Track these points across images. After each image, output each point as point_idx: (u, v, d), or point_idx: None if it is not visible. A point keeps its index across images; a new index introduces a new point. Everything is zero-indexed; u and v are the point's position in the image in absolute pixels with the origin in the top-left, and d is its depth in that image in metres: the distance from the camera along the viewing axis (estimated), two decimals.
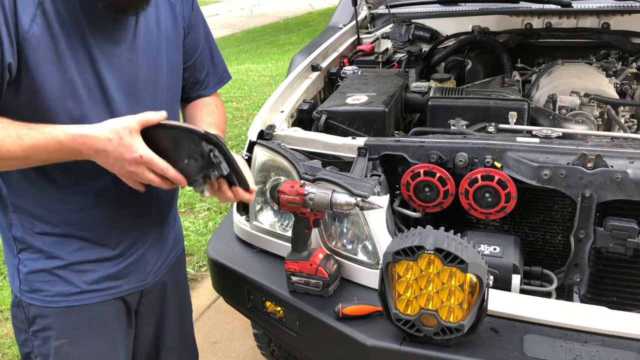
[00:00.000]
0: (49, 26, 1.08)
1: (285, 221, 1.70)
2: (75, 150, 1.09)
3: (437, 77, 2.41)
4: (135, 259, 1.36)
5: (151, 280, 1.43)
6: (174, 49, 1.35)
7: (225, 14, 14.82)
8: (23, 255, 1.27)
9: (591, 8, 2.63)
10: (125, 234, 1.33)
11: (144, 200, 1.31)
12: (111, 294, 1.34)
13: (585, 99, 1.97)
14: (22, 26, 1.04)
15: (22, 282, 1.28)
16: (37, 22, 1.06)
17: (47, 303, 1.28)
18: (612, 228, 1.40)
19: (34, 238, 1.25)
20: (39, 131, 1.07)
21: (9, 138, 1.05)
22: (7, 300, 2.98)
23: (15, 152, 1.05)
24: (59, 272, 1.27)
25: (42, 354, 1.32)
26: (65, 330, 1.30)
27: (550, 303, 1.33)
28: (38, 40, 1.06)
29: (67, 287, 1.28)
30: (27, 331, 1.31)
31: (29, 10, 1.05)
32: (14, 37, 1.04)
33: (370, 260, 1.47)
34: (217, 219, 3.76)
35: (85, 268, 1.29)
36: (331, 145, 1.68)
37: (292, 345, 1.63)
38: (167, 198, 1.43)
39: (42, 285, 1.27)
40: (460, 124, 1.77)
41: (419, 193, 1.58)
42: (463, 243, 1.19)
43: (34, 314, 1.29)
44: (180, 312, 1.61)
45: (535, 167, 1.43)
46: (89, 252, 1.29)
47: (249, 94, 6.73)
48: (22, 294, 1.29)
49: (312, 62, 2.32)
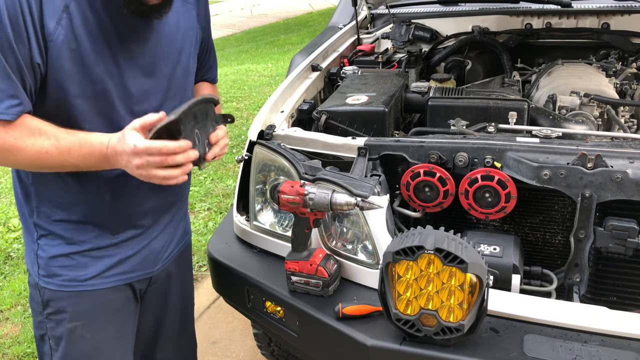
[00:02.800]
0: (74, 28, 1.14)
1: (285, 221, 1.70)
2: (104, 155, 1.16)
3: (437, 77, 2.41)
4: (147, 246, 1.42)
5: (159, 268, 1.48)
6: (191, 49, 1.42)
7: (225, 14, 14.82)
8: (43, 241, 1.33)
9: (591, 8, 2.63)
10: (141, 220, 1.39)
11: (155, 187, 1.35)
12: (123, 279, 1.39)
13: (585, 99, 1.96)
14: (47, 28, 1.11)
15: (40, 266, 1.33)
16: (63, 24, 1.12)
17: (62, 287, 1.33)
18: (612, 228, 1.40)
19: (55, 225, 1.31)
20: (76, 137, 1.15)
21: (48, 141, 1.13)
22: (7, 300, 2.98)
23: (53, 155, 1.14)
24: (76, 258, 1.33)
25: (55, 337, 1.37)
26: (78, 314, 1.35)
27: (550, 303, 1.33)
28: (62, 41, 1.13)
29: (83, 272, 1.33)
30: (41, 313, 1.37)
31: (55, 13, 1.11)
32: (41, 39, 1.11)
33: (370, 260, 1.47)
34: (217, 219, 3.76)
35: (102, 254, 1.35)
36: (331, 145, 1.68)
37: (292, 345, 1.63)
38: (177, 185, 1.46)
39: (60, 270, 1.32)
40: (460, 124, 1.77)
41: (419, 193, 1.58)
42: (463, 243, 1.19)
43: (48, 297, 1.34)
44: (183, 304, 1.66)
45: (535, 167, 1.43)
46: (105, 239, 1.35)
47: (249, 94, 6.73)
48: (39, 279, 1.34)
49: (312, 62, 2.31)
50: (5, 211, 3.98)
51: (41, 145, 1.13)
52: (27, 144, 1.12)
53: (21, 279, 3.18)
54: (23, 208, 1.35)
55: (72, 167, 1.19)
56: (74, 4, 1.13)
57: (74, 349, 1.37)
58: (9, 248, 3.51)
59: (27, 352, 2.60)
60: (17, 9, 1.07)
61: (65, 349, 1.36)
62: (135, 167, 1.14)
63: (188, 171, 1.19)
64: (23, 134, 1.12)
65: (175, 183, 1.18)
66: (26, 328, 2.77)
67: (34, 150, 1.13)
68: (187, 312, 1.70)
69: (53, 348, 1.38)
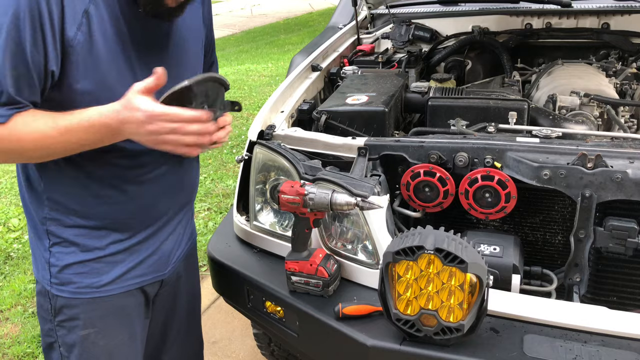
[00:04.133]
0: (92, 33, 1.12)
1: (285, 221, 1.70)
2: (105, 125, 1.12)
3: (437, 77, 2.41)
4: (159, 248, 1.41)
5: (170, 270, 1.47)
6: (198, 49, 1.42)
7: (225, 14, 14.82)
8: (56, 248, 1.30)
9: (591, 8, 2.63)
10: (153, 224, 1.38)
11: (171, 189, 1.37)
12: (136, 283, 1.38)
13: (585, 99, 1.96)
14: (67, 34, 1.09)
15: (52, 275, 1.31)
16: (82, 30, 1.11)
17: (76, 295, 1.31)
18: (612, 228, 1.40)
19: (68, 232, 1.29)
20: (73, 115, 1.12)
21: (46, 125, 1.10)
22: (7, 300, 2.98)
23: (53, 136, 1.11)
24: (91, 264, 1.31)
25: (67, 344, 1.34)
26: (92, 321, 1.33)
27: (550, 303, 1.33)
28: (82, 46, 1.11)
29: (97, 279, 1.32)
30: (52, 321, 1.34)
31: (75, 19, 1.10)
32: (59, 46, 1.09)
33: (370, 260, 1.47)
34: (217, 219, 3.76)
35: (116, 259, 1.33)
36: (331, 145, 1.68)
37: (292, 345, 1.63)
38: (190, 186, 1.48)
39: (74, 278, 1.30)
40: (460, 124, 1.77)
41: (419, 193, 1.58)
42: (463, 243, 1.19)
43: (61, 305, 1.32)
44: (191, 305, 1.65)
45: (535, 167, 1.43)
46: (120, 244, 1.33)
47: (249, 94, 6.73)
48: (51, 287, 1.31)
49: (312, 62, 2.31)
50: (5, 211, 3.98)
51: (39, 129, 1.10)
52: (25, 132, 1.09)
53: (21, 279, 3.18)
54: (33, 216, 1.32)
55: (77, 147, 1.15)
56: (92, 7, 1.12)
57: (86, 356, 1.35)
58: (9, 248, 3.51)
59: (27, 352, 2.60)
60: (36, 16, 1.04)
61: (78, 356, 1.34)
62: (148, 133, 1.11)
63: (205, 144, 1.16)
64: (18, 124, 1.09)
65: (186, 153, 1.15)
66: (26, 328, 2.77)
67: (34, 137, 1.10)
68: (195, 313, 1.70)
69: (64, 355, 1.35)
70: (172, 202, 1.41)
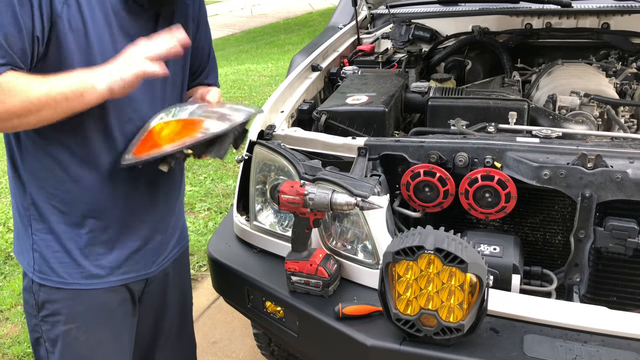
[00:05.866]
0: (80, 11, 1.16)
1: (285, 221, 1.70)
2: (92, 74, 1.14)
3: (437, 77, 2.41)
4: (143, 246, 1.41)
5: (156, 270, 1.47)
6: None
7: (225, 14, 14.83)
8: (37, 235, 1.31)
9: (591, 8, 2.63)
10: (135, 220, 1.38)
11: (152, 184, 1.38)
12: (119, 280, 1.38)
13: (585, 99, 1.96)
14: (55, 7, 1.13)
15: (35, 261, 1.33)
16: (69, 3, 1.14)
17: (57, 284, 1.32)
18: (612, 228, 1.40)
19: (50, 219, 1.30)
20: (62, 74, 1.14)
21: (36, 81, 1.10)
22: (7, 301, 2.98)
23: (41, 91, 1.10)
24: (71, 254, 1.32)
25: (51, 339, 1.36)
26: (73, 316, 1.35)
27: (550, 303, 1.34)
28: (69, 21, 1.15)
29: (78, 270, 1.33)
30: (36, 316, 1.36)
31: None
32: (45, 15, 1.11)
33: (370, 260, 1.47)
34: (217, 219, 3.76)
35: (97, 251, 1.34)
36: (331, 145, 1.68)
37: (292, 345, 1.63)
38: (173, 184, 1.48)
39: (55, 266, 1.32)
40: (460, 124, 1.77)
41: (419, 193, 1.58)
42: (463, 243, 1.19)
43: (43, 300, 1.34)
44: (181, 305, 1.65)
45: (535, 167, 1.43)
46: (100, 236, 1.33)
47: (249, 94, 6.73)
48: (34, 274, 1.33)
49: (312, 62, 2.32)
50: (5, 211, 3.98)
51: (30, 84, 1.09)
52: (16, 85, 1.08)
53: (21, 279, 3.17)
54: (18, 202, 1.33)
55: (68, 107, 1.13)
56: None
57: (69, 352, 1.36)
58: (9, 248, 3.51)
59: (27, 352, 2.60)
60: None
61: (61, 351, 1.36)
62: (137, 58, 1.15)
63: None
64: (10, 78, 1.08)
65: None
66: (26, 328, 2.75)
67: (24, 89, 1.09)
68: (186, 314, 1.70)
69: (49, 351, 1.37)
70: (154, 198, 1.41)
